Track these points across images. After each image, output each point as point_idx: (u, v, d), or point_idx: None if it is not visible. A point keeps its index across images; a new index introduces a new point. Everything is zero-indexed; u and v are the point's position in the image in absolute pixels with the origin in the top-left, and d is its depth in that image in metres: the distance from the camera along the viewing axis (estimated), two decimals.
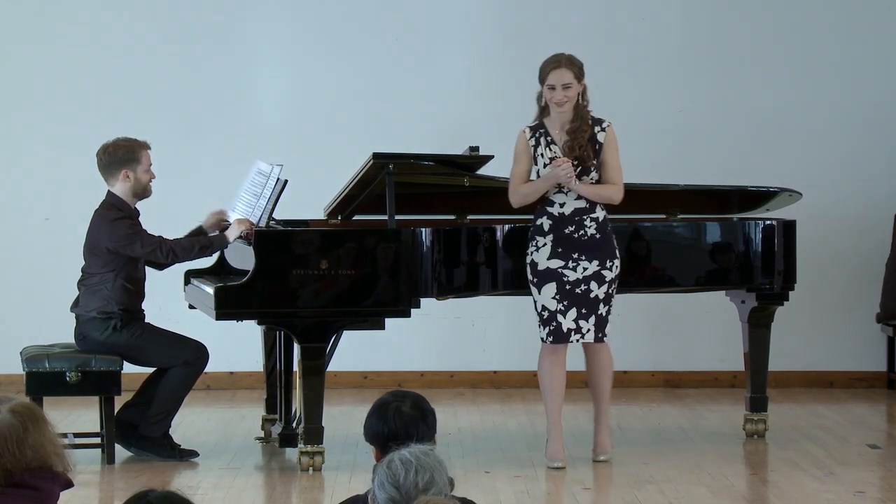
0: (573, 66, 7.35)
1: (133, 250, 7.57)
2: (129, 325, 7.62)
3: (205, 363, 7.67)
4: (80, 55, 9.84)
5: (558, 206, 7.36)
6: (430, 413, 4.38)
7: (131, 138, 7.76)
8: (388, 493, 3.83)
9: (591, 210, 7.36)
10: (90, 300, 7.64)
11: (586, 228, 7.36)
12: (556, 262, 7.35)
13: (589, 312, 7.33)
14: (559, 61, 7.35)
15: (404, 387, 9.81)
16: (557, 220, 7.36)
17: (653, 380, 10.10)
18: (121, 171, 7.67)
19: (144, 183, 7.69)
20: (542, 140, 7.40)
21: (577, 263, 7.33)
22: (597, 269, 7.35)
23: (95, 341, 7.61)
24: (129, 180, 7.67)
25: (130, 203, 7.72)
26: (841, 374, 10.11)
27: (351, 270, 7.24)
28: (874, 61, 10.06)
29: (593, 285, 7.33)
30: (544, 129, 7.42)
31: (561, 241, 7.34)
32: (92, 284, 7.64)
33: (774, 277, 7.97)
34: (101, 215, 7.69)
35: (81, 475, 7.15)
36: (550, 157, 7.35)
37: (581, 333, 7.34)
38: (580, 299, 7.32)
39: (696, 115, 10.04)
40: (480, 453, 7.82)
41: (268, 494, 7.08)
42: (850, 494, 6.86)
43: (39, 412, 3.92)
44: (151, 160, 7.74)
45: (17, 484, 3.78)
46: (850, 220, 10.07)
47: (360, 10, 9.96)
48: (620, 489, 6.98)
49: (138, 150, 7.69)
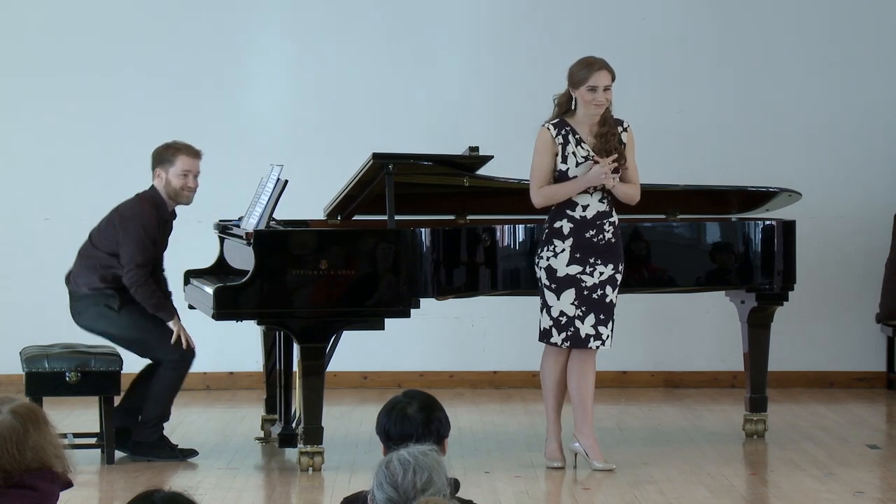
0: (612, 70, 7.36)
1: (122, 248, 7.58)
2: (127, 308, 7.62)
3: (190, 363, 7.66)
4: (83, 55, 9.84)
5: (581, 209, 7.31)
6: (435, 419, 4.34)
7: (180, 142, 7.80)
8: (387, 494, 3.84)
9: (610, 214, 7.35)
10: (88, 274, 7.68)
11: (605, 233, 7.34)
12: (574, 267, 7.32)
13: (607, 318, 7.31)
14: (602, 64, 7.31)
15: (404, 387, 9.82)
16: (579, 223, 7.32)
17: (653, 380, 10.11)
18: (155, 169, 7.73)
19: (175, 187, 7.71)
20: (571, 138, 7.35)
21: (594, 268, 7.32)
22: (611, 273, 7.34)
23: (90, 315, 7.63)
24: (160, 179, 7.71)
25: (167, 203, 7.75)
26: (841, 375, 10.12)
27: (351, 271, 7.25)
28: (875, 62, 10.07)
29: (608, 290, 7.32)
30: (570, 128, 7.37)
31: (580, 246, 7.30)
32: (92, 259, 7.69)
33: (774, 278, 7.98)
34: (135, 199, 7.74)
35: (81, 475, 7.15)
36: (584, 155, 7.34)
37: (601, 339, 7.30)
38: (597, 304, 7.29)
39: (695, 116, 10.05)
40: (480, 453, 7.82)
41: (267, 494, 7.09)
42: (849, 495, 6.87)
43: (40, 413, 3.93)
44: (193, 168, 7.73)
45: (16, 484, 3.79)
46: (849, 221, 10.07)
47: (360, 13, 9.97)
48: (620, 489, 6.98)
49: (176, 153, 7.72)
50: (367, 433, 8.23)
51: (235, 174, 9.53)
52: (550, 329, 7.33)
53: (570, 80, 7.36)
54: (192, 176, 7.74)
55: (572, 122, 7.38)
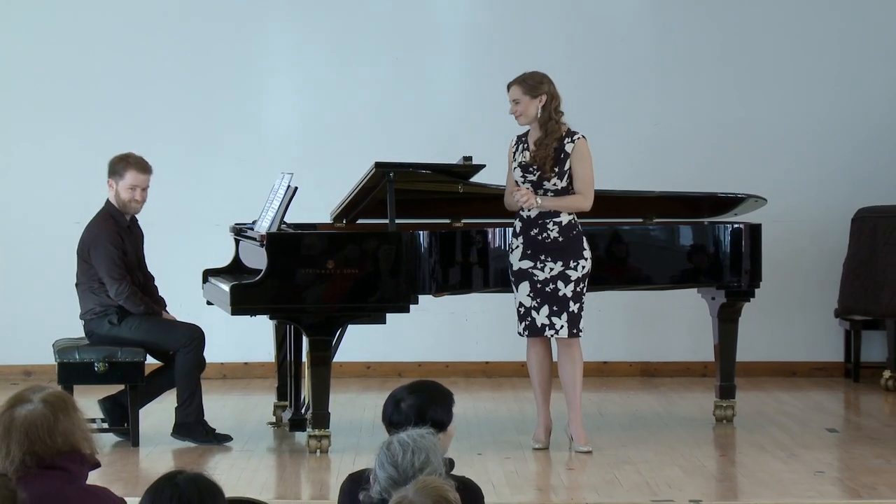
0: (523, 84, 7.31)
1: (98, 269, 7.55)
2: (126, 319, 7.59)
3: (201, 343, 7.59)
4: (114, 71, 9.84)
5: (525, 210, 7.34)
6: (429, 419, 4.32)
7: (133, 157, 7.66)
8: (388, 472, 3.84)
9: (554, 214, 7.32)
10: (86, 302, 7.65)
11: (549, 231, 7.32)
12: (526, 262, 7.33)
13: (560, 310, 7.28)
14: (513, 80, 7.35)
15: (404, 376, 9.82)
16: (525, 222, 7.34)
17: (630, 369, 10.10)
18: (109, 178, 7.67)
19: (123, 199, 7.62)
20: (521, 147, 7.41)
21: (545, 264, 7.30)
22: (561, 269, 7.29)
23: (101, 336, 7.60)
24: (112, 190, 7.65)
25: (123, 212, 7.67)
26: (802, 365, 10.11)
27: (355, 270, 7.23)
28: (835, 78, 10.07)
29: (560, 284, 7.29)
30: (525, 138, 7.42)
31: (529, 244, 7.32)
32: (83, 288, 7.65)
33: (742, 276, 7.96)
34: (91, 223, 7.69)
35: (108, 457, 7.17)
36: (520, 161, 7.34)
37: (555, 329, 7.29)
38: (550, 297, 7.28)
39: (669, 128, 10.04)
40: (473, 437, 7.80)
41: (279, 474, 7.07)
42: (810, 474, 6.86)
43: (69, 400, 3.91)
44: (141, 182, 7.59)
45: (49, 466, 3.78)
46: (810, 224, 10.07)
47: (364, 33, 9.98)
48: (601, 469, 6.97)
49: (126, 167, 7.62)
50: (370, 418, 8.23)
51: (249, 182, 9.52)
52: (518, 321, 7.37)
53: None
54: (140, 189, 7.62)
55: (530, 133, 7.40)
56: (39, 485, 3.74)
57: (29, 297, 9.85)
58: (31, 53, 9.85)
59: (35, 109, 9.85)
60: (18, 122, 9.88)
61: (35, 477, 3.76)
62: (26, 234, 9.89)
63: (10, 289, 9.90)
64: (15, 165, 9.89)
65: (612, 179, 8.38)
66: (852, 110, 10.08)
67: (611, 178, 8.35)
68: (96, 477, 3.98)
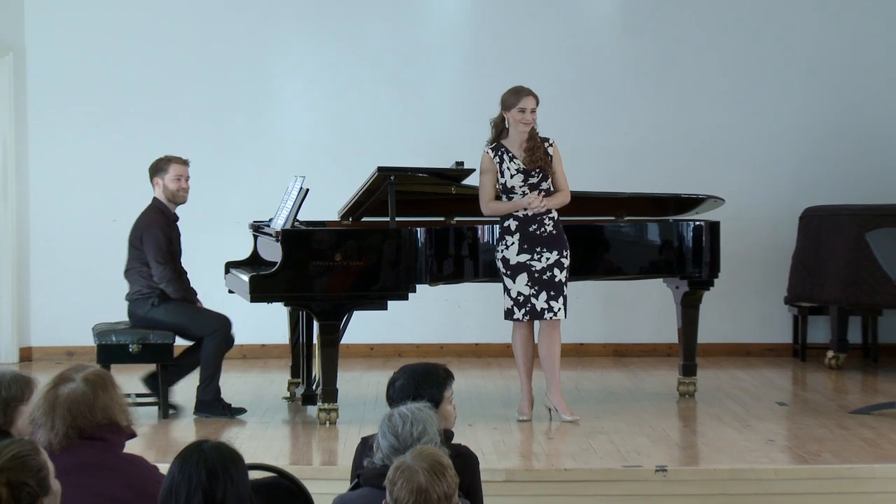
0: (536, 96, 7.34)
1: (147, 253, 7.56)
2: (165, 303, 7.60)
3: (229, 330, 7.59)
4: (146, 84, 9.84)
5: (523, 210, 7.33)
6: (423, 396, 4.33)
7: (170, 155, 7.71)
8: (389, 441, 3.85)
9: (548, 211, 7.35)
10: (133, 284, 7.66)
11: (546, 226, 7.34)
12: (524, 256, 7.34)
13: (557, 294, 7.30)
14: (529, 91, 7.31)
15: (403, 357, 9.82)
16: (523, 220, 7.33)
17: (604, 350, 10.11)
18: (153, 178, 7.68)
19: (171, 189, 7.66)
20: (505, 156, 7.37)
21: (542, 255, 7.32)
22: (557, 257, 7.33)
23: (139, 317, 7.60)
24: (159, 187, 7.66)
25: (169, 206, 7.70)
26: (755, 346, 10.13)
27: (360, 262, 7.23)
28: (788, 91, 10.08)
29: (556, 271, 7.32)
30: (504, 148, 7.38)
31: (526, 239, 7.32)
32: (132, 273, 7.66)
33: (702, 267, 7.97)
34: (143, 214, 7.69)
35: (142, 428, 7.17)
36: (516, 168, 7.33)
37: (553, 312, 7.30)
38: (547, 284, 7.30)
39: (639, 137, 10.05)
40: (464, 410, 7.78)
41: (293, 444, 7.07)
42: (762, 443, 6.86)
43: (108, 378, 3.92)
44: (184, 172, 7.66)
45: (89, 437, 3.78)
46: (763, 221, 10.08)
47: (367, 51, 9.97)
48: (577, 438, 6.97)
49: (168, 163, 7.66)
50: (374, 394, 8.23)
51: (266, 184, 9.52)
52: (512, 308, 7.34)
53: (503, 105, 7.36)
54: (184, 179, 7.68)
55: (506, 143, 7.37)
56: (82, 454, 3.75)
57: (71, 287, 9.85)
58: (79, 71, 9.85)
59: (82, 122, 9.85)
60: (67, 133, 9.88)
61: (77, 447, 3.77)
62: (70, 231, 9.89)
63: (55, 280, 9.90)
64: (61, 171, 9.88)
65: (589, 182, 8.40)
66: (799, 123, 10.10)
67: (587, 181, 8.38)
68: (132, 445, 3.97)
